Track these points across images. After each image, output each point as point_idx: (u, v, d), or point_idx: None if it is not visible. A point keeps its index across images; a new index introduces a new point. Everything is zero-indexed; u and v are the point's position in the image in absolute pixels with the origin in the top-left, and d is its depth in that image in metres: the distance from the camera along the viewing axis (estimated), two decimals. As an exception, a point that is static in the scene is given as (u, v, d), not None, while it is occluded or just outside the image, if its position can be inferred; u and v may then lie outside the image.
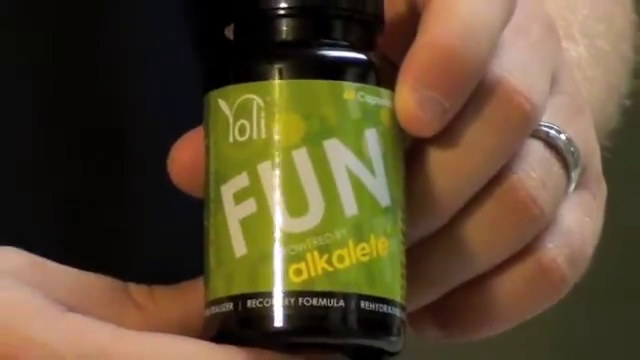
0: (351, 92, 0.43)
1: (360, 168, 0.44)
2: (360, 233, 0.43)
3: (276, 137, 0.43)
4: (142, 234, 0.57)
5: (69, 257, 0.50)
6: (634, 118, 0.73)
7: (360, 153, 0.44)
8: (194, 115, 0.48)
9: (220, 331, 0.42)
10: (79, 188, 0.56)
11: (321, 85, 0.43)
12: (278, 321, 0.41)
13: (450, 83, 0.44)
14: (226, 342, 0.43)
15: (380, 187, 0.44)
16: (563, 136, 0.49)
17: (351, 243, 0.42)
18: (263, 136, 0.43)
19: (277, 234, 0.43)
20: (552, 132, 0.48)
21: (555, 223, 0.48)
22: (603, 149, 0.67)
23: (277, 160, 0.43)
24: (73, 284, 0.47)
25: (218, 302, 0.42)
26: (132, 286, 0.47)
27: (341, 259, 0.42)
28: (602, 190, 0.53)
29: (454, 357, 1.69)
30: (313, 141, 0.43)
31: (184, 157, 0.46)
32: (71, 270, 0.47)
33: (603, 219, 0.53)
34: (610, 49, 0.69)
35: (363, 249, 0.43)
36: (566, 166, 0.48)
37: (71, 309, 0.45)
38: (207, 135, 0.45)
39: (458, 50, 0.44)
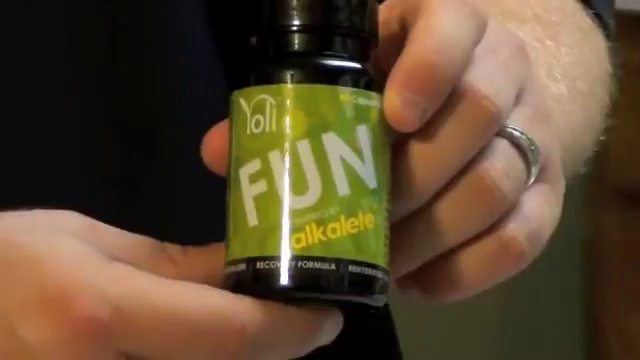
0: (346, 95, 0.49)
1: (352, 157, 0.49)
2: (350, 209, 0.48)
3: (284, 130, 0.49)
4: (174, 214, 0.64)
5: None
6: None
7: (352, 145, 0.49)
8: (216, 112, 0.54)
9: (235, 285, 0.48)
10: (123, 173, 0.63)
11: (322, 89, 0.49)
12: (282, 279, 0.47)
13: (429, 88, 0.50)
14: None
15: (368, 172, 0.50)
16: (525, 136, 0.54)
17: (342, 218, 0.48)
18: (274, 129, 0.49)
19: (282, 209, 0.49)
20: (516, 132, 0.53)
21: (517, 208, 0.53)
22: (580, 174, 0.74)
23: (284, 149, 0.49)
24: (122, 242, 0.53)
25: (235, 263, 0.48)
26: (169, 245, 0.53)
27: (334, 231, 0.47)
28: (561, 186, 0.58)
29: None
30: (314, 134, 0.49)
31: (214, 143, 0.52)
32: (120, 231, 0.53)
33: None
34: (587, 90, 0.74)
35: (352, 223, 0.48)
36: (527, 161, 0.54)
37: (118, 261, 0.51)
38: (230, 127, 0.50)
39: (436, 62, 0.50)
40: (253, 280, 0.48)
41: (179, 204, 0.64)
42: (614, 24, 0.80)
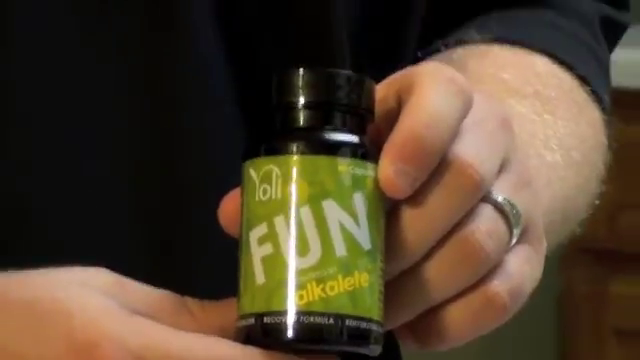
0: (344, 166, 0.52)
1: (349, 221, 0.52)
2: (347, 269, 0.52)
3: (288, 198, 0.52)
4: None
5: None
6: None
7: (350, 210, 0.52)
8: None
9: (246, 338, 0.51)
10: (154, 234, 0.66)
11: (323, 160, 0.52)
12: (287, 332, 0.51)
13: (418, 160, 0.53)
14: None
15: (364, 236, 0.53)
16: (507, 202, 0.57)
17: (340, 277, 0.51)
18: (279, 197, 0.52)
19: (287, 269, 0.52)
20: (499, 198, 0.56)
21: (500, 266, 0.56)
22: (574, 234, 0.78)
23: (289, 215, 0.52)
24: (146, 297, 0.56)
25: (245, 317, 0.52)
26: (188, 299, 0.56)
27: (332, 288, 0.51)
28: (542, 246, 0.61)
29: None
30: (315, 201, 0.52)
31: (228, 208, 0.56)
32: (145, 287, 0.57)
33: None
34: (581, 159, 0.77)
35: (349, 281, 0.52)
36: (509, 224, 0.57)
37: (141, 315, 0.54)
38: (242, 194, 0.54)
39: (425, 136, 0.53)
40: (261, 333, 0.51)
41: (205, 260, 0.68)
42: (609, 99, 0.83)
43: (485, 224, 0.56)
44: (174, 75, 0.68)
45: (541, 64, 0.80)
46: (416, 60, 0.77)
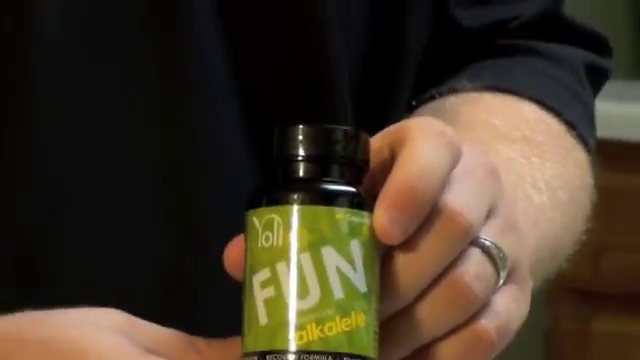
0: (341, 214, 0.55)
1: (346, 266, 0.55)
2: (344, 311, 0.54)
3: (289, 245, 0.55)
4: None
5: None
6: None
7: (347, 256, 0.55)
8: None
9: None
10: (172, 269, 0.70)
11: (321, 210, 0.54)
12: None
13: (411, 209, 0.56)
14: None
15: (360, 279, 0.55)
16: (494, 246, 0.59)
17: (338, 318, 0.54)
18: (280, 244, 0.55)
19: (288, 311, 0.54)
20: (487, 242, 0.59)
21: (488, 305, 0.59)
22: (561, 270, 0.80)
23: (289, 260, 0.55)
24: (156, 336, 0.59)
25: (248, 355, 0.54)
26: (196, 338, 0.58)
27: (330, 329, 0.53)
28: (528, 286, 0.63)
29: None
30: (314, 248, 0.54)
31: (232, 254, 0.58)
32: (155, 326, 0.59)
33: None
34: (568, 199, 0.79)
35: (346, 322, 0.54)
36: (496, 267, 0.59)
37: (152, 353, 0.57)
38: (245, 240, 0.56)
39: (416, 187, 0.56)
40: None
41: (212, 298, 0.70)
42: (594, 143, 0.85)
43: (474, 267, 0.58)
44: (188, 108, 0.71)
45: (529, 110, 0.82)
46: (410, 108, 0.80)
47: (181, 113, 0.72)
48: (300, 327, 0.54)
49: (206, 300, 0.70)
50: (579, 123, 0.83)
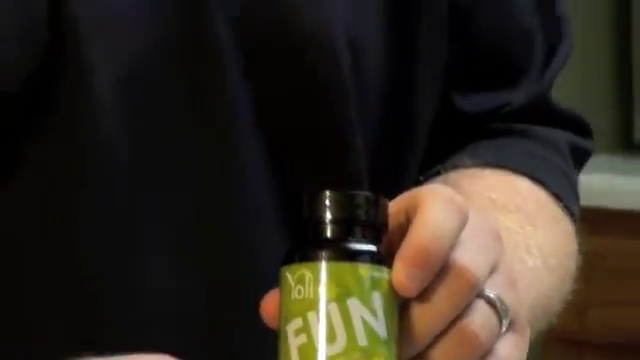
0: (364, 270, 0.59)
1: (369, 316, 0.59)
2: (368, 355, 0.59)
3: (319, 297, 0.59)
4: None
5: None
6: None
7: (369, 307, 0.59)
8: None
9: None
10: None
11: (346, 266, 0.59)
12: None
13: (425, 267, 0.60)
14: None
15: (381, 327, 0.60)
16: (498, 298, 0.64)
17: None
18: (311, 296, 0.59)
19: (317, 356, 0.59)
20: (491, 295, 0.63)
21: (492, 351, 0.63)
22: (551, 324, 0.86)
23: (319, 311, 0.59)
24: None
25: None
26: None
27: None
28: (527, 334, 0.67)
29: None
30: (341, 300, 0.59)
31: (269, 306, 0.62)
32: None
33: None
34: (557, 263, 0.85)
35: None
36: (499, 317, 0.64)
37: None
38: (280, 293, 0.61)
39: (430, 248, 0.60)
40: None
41: (249, 344, 0.75)
42: (578, 212, 0.92)
43: (480, 317, 0.62)
44: (226, 179, 0.76)
45: (522, 184, 0.88)
46: (418, 182, 0.84)
47: (218, 182, 0.76)
48: None
49: (244, 346, 0.74)
50: (565, 196, 0.89)
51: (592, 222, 0.93)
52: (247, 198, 0.78)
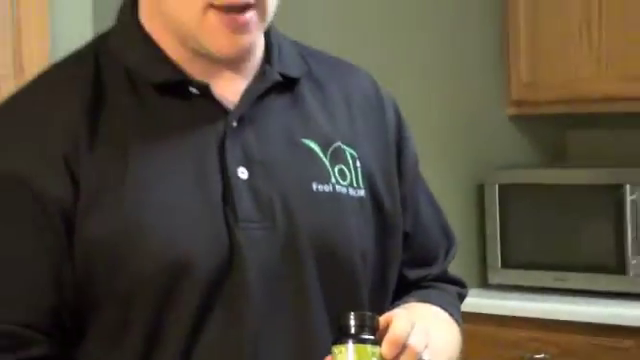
0: (369, 348, 0.99)
1: None
2: None
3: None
4: None
5: None
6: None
7: None
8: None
9: None
10: None
11: (361, 347, 0.99)
12: None
13: (396, 346, 0.98)
14: None
15: None
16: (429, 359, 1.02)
17: None
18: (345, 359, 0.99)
19: None
20: (426, 357, 1.00)
21: None
22: None
23: None
24: None
25: None
26: None
27: None
28: None
29: None
30: None
31: None
32: None
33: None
34: (452, 344, 1.22)
35: None
36: None
37: None
38: (331, 357, 0.97)
39: (398, 339, 0.98)
40: None
41: None
42: (461, 322, 1.26)
43: None
44: (311, 321, 1.10)
45: (438, 310, 1.24)
46: (391, 306, 1.20)
47: (308, 313, 1.10)
48: None
49: None
50: (455, 314, 1.26)
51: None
52: (315, 317, 1.11)
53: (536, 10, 3.26)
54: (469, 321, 1.37)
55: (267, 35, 1.17)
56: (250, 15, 1.07)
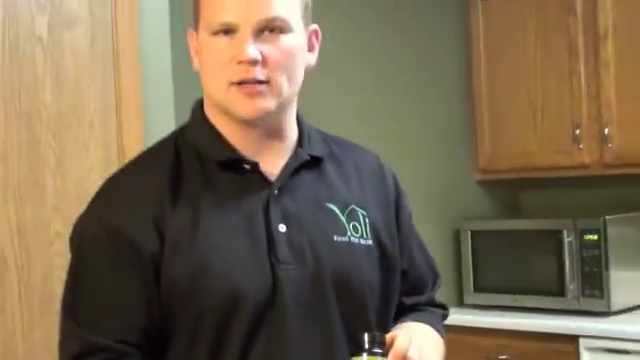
0: (378, 359, 0.99)
1: None
2: None
3: None
4: None
5: None
6: None
7: None
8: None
9: None
10: None
11: (372, 358, 0.99)
12: None
13: (399, 358, 0.99)
14: None
15: None
16: None
17: None
18: None
19: None
20: None
21: None
22: None
23: None
24: None
25: None
26: None
27: None
28: None
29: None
30: None
31: None
32: None
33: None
34: (439, 354, 1.20)
35: None
36: None
37: None
38: None
39: (401, 352, 0.98)
40: None
41: None
42: (444, 336, 1.25)
43: None
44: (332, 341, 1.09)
45: (429, 329, 1.24)
46: (393, 325, 1.20)
47: (328, 333, 1.10)
48: None
49: None
50: (440, 331, 1.26)
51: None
52: (336, 335, 1.11)
53: (497, 103, 3.28)
54: (451, 332, 1.34)
55: (299, 125, 1.18)
56: (262, 87, 1.07)
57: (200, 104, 1.16)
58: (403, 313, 1.25)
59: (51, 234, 1.72)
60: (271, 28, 1.07)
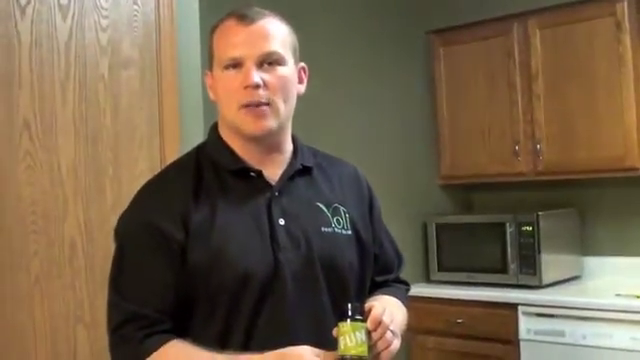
0: (360, 323, 0.90)
1: (361, 336, 0.89)
2: (362, 347, 0.88)
3: (348, 330, 0.88)
4: None
5: None
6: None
7: (361, 334, 0.89)
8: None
9: None
10: None
11: (355, 322, 0.91)
12: None
13: (376, 323, 0.91)
14: None
15: (365, 340, 0.88)
16: (394, 329, 0.91)
17: (355, 346, 0.89)
18: (346, 329, 0.90)
19: (349, 348, 0.87)
20: (392, 328, 0.91)
21: (391, 345, 0.90)
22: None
23: (348, 334, 0.89)
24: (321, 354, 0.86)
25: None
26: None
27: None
28: (400, 339, 0.93)
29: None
30: (355, 329, 0.89)
31: (334, 333, 0.88)
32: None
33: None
34: (403, 317, 1.13)
35: (361, 348, 0.90)
36: (394, 334, 0.92)
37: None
38: (337, 328, 0.90)
39: (377, 317, 0.91)
40: None
41: None
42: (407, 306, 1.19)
43: (389, 334, 0.95)
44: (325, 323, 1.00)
45: (395, 301, 1.18)
46: (368, 297, 1.14)
47: (321, 307, 1.03)
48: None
49: (328, 341, 0.96)
50: (406, 303, 1.21)
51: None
52: (325, 304, 1.06)
53: (455, 126, 3.23)
54: (420, 302, 1.33)
55: (294, 142, 1.15)
56: (264, 108, 1.04)
57: (215, 126, 1.14)
58: (375, 288, 1.22)
59: (110, 227, 1.64)
60: (269, 61, 1.06)
